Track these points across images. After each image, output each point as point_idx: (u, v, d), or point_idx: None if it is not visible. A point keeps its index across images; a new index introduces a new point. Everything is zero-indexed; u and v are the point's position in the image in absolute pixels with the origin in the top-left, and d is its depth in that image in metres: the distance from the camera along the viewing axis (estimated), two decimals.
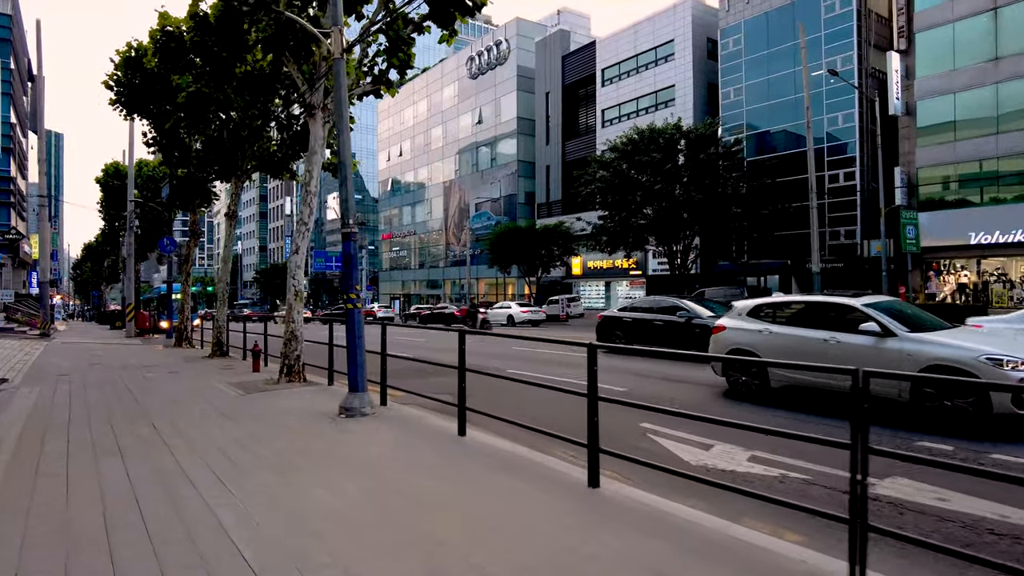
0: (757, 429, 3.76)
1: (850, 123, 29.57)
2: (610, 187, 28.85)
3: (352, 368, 6.80)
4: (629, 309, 14.83)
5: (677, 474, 4.09)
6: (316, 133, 9.61)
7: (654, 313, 14.09)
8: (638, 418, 7.03)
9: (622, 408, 7.13)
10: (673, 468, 4.20)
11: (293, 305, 9.27)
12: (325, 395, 8.17)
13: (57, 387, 9.13)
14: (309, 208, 9.57)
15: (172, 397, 8.08)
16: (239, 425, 6.25)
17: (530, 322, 32.82)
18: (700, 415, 4.06)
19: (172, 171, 18.68)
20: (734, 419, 4.29)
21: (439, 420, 6.56)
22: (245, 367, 11.66)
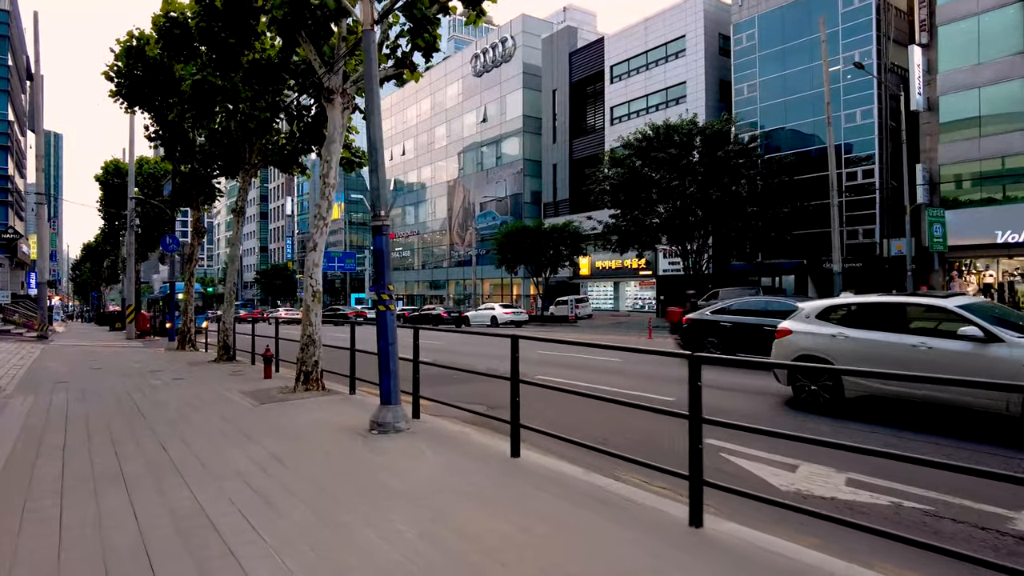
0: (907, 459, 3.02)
1: (868, 119, 28.84)
2: (623, 184, 28.09)
3: (385, 378, 6.04)
4: (727, 311, 12.41)
5: (792, 509, 3.37)
6: (335, 120, 8.85)
7: (764, 316, 11.75)
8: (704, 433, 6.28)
9: (676, 422, 6.39)
10: (786, 502, 3.48)
11: (311, 306, 8.51)
12: (348, 406, 7.41)
13: (53, 396, 8.36)
14: (328, 201, 8.81)
15: (180, 408, 7.31)
16: (259, 443, 5.48)
17: (512, 323, 33.35)
18: (826, 440, 3.33)
19: (175, 167, 17.92)
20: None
21: (484, 437, 5.79)
22: (255, 372, 10.89)
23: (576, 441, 4.60)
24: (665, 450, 5.71)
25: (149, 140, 17.22)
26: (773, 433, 3.81)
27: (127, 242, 24.88)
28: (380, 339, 6.07)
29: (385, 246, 6.13)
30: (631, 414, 6.90)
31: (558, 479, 4.53)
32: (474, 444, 5.53)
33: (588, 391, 5.58)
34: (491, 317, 33.98)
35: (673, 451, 5.59)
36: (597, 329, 29.88)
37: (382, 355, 6.06)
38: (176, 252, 18.50)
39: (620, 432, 6.45)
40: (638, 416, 6.81)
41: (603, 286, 43.75)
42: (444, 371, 7.33)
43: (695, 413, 3.71)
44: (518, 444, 5.12)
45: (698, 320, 12.78)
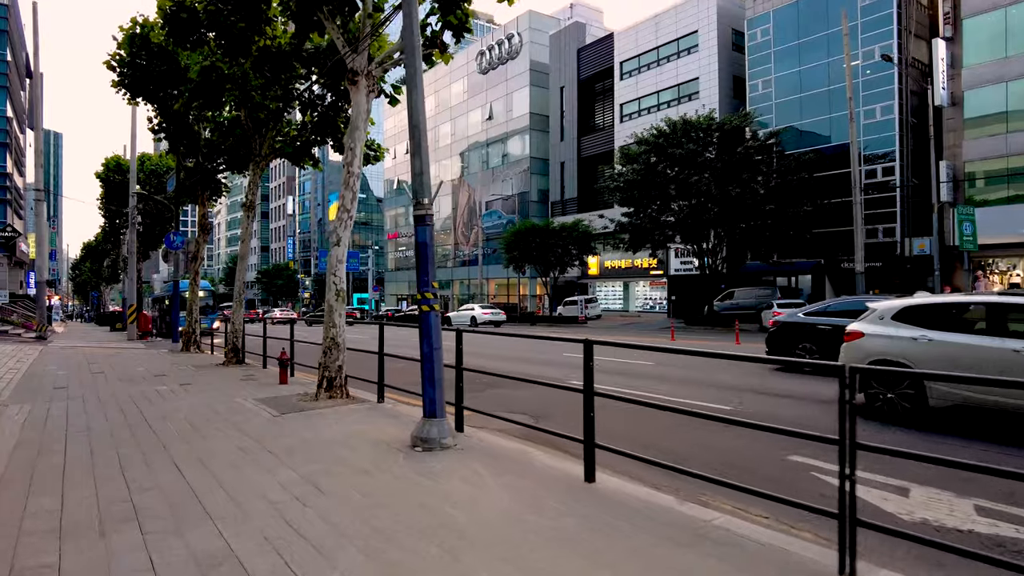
0: None
1: (889, 115, 28.11)
2: (638, 181, 27.37)
3: (428, 387, 5.32)
4: (825, 313, 10.97)
5: (960, 553, 2.68)
6: (359, 104, 8.14)
7: None
8: (779, 447, 5.58)
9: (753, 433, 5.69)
10: (958, 546, 2.77)
11: (334, 306, 7.78)
12: (379, 416, 6.68)
13: (52, 405, 7.63)
14: (352, 192, 8.09)
15: (193, 420, 6.59)
16: (288, 464, 4.76)
17: (492, 323, 34.52)
18: None
19: (179, 161, 17.20)
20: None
21: (546, 456, 5.07)
22: (268, 377, 10.17)
23: (681, 469, 3.86)
24: (760, 473, 4.98)
25: (153, 133, 16.51)
26: (979, 468, 3.08)
27: (128, 240, 24.15)
28: (423, 343, 5.35)
29: (428, 239, 5.41)
30: (706, 428, 6.19)
31: (650, 512, 3.81)
32: (535, 465, 4.80)
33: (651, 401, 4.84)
34: (471, 317, 35.08)
35: (766, 474, 4.88)
36: (610, 330, 29.15)
37: (425, 361, 5.34)
38: (181, 250, 17.78)
39: (701, 450, 5.72)
40: (714, 431, 6.10)
41: (612, 286, 43.03)
42: (472, 376, 6.62)
43: (849, 438, 2.99)
44: (593, 467, 4.40)
45: (789, 323, 11.34)
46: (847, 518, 2.95)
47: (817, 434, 3.21)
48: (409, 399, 7.62)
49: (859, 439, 3.14)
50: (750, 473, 4.98)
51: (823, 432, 3.28)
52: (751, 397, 8.33)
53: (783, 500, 3.25)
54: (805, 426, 6.13)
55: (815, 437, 3.22)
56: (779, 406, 7.76)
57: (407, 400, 7.62)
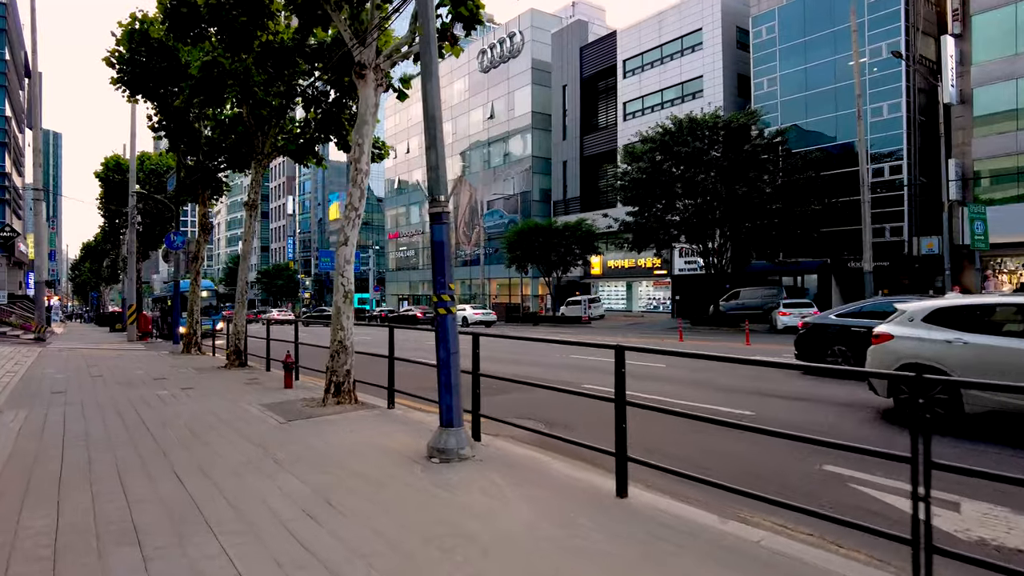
0: None
1: (896, 113, 27.84)
2: (644, 180, 27.09)
3: (445, 394, 5.04)
4: (860, 314, 10.24)
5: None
6: (367, 98, 7.86)
7: None
8: (810, 456, 5.32)
9: (784, 442, 5.41)
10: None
11: (342, 308, 7.50)
12: (391, 424, 6.40)
13: (49, 410, 7.35)
14: (360, 190, 7.81)
15: (194, 426, 6.31)
16: (297, 475, 4.48)
17: (483, 323, 35.56)
18: None
19: (180, 159, 16.91)
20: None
21: (569, 468, 4.79)
22: (272, 381, 9.89)
23: (734, 488, 3.58)
24: (795, 486, 4.70)
25: (153, 131, 16.24)
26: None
27: (128, 240, 23.88)
28: (440, 348, 5.07)
29: (445, 237, 5.13)
30: (726, 434, 5.91)
31: (690, 530, 3.53)
32: (560, 478, 4.52)
33: (687, 411, 4.56)
34: (463, 318, 35.75)
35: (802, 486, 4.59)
36: (614, 330, 28.87)
37: (442, 367, 5.06)
38: (181, 250, 17.49)
39: (721, 459, 5.44)
40: (735, 438, 5.83)
41: (615, 286, 42.75)
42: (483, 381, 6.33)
43: (924, 457, 2.71)
44: (626, 481, 4.11)
45: (820, 325, 10.61)
46: (922, 545, 2.67)
47: (886, 451, 2.92)
48: (420, 405, 7.35)
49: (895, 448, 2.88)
50: (785, 486, 4.70)
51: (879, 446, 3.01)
52: (775, 402, 8.06)
53: (853, 524, 2.96)
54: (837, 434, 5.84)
55: (883, 454, 2.93)
56: (806, 411, 7.48)
57: (419, 406, 7.34)
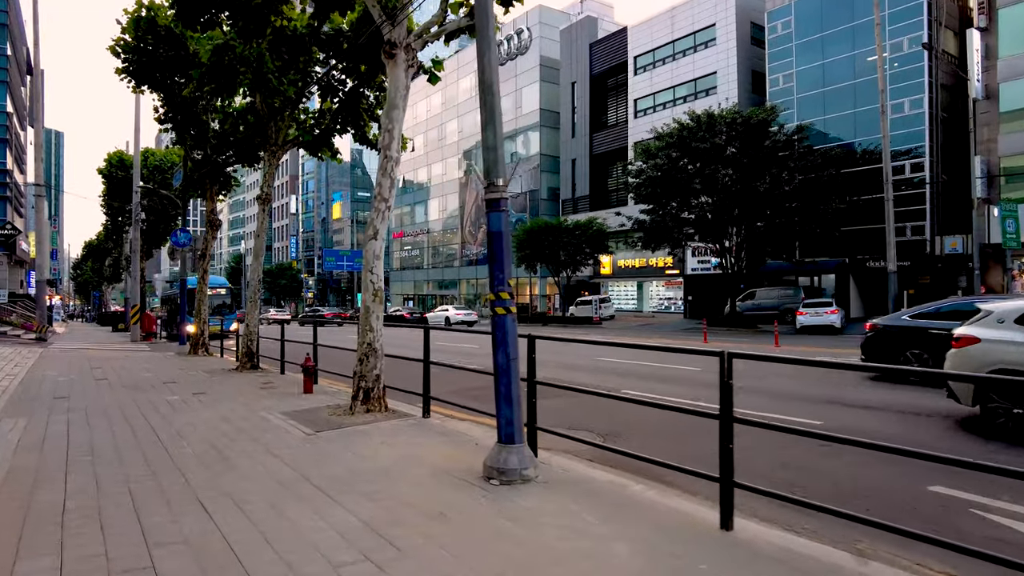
0: None
1: (919, 109, 27.17)
2: (660, 177, 26.44)
3: (504, 406, 4.40)
4: (936, 316, 9.40)
5: None
6: (397, 79, 7.23)
7: None
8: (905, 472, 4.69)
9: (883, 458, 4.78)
10: None
11: (371, 308, 6.87)
12: (431, 436, 5.76)
13: (51, 419, 6.72)
14: (390, 179, 7.19)
15: (213, 439, 5.67)
16: (342, 504, 3.84)
17: (465, 323, 37.35)
18: None
19: (187, 152, 16.29)
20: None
21: (652, 492, 4.15)
22: (289, 385, 9.26)
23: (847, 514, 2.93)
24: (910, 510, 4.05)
25: (159, 123, 15.62)
26: None
27: (132, 238, 23.26)
28: (498, 353, 4.43)
29: (504, 226, 4.49)
30: (802, 448, 5.26)
31: (830, 572, 2.89)
32: (646, 506, 3.88)
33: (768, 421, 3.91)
34: (445, 318, 38.81)
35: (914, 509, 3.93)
36: (627, 331, 28.23)
37: (501, 375, 4.41)
38: (187, 247, 16.87)
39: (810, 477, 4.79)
40: (813, 452, 5.17)
41: (625, 286, 42.08)
42: None
43: None
44: (731, 511, 3.47)
45: (892, 328, 9.77)
46: None
47: None
48: (457, 412, 6.72)
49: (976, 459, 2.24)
50: (894, 508, 4.07)
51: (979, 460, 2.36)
52: (842, 410, 7.42)
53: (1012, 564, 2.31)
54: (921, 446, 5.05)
55: None
56: (878, 420, 6.84)
57: (456, 414, 6.72)
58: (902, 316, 9.82)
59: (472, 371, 6.86)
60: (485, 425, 6.28)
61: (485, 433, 5.88)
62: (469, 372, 6.92)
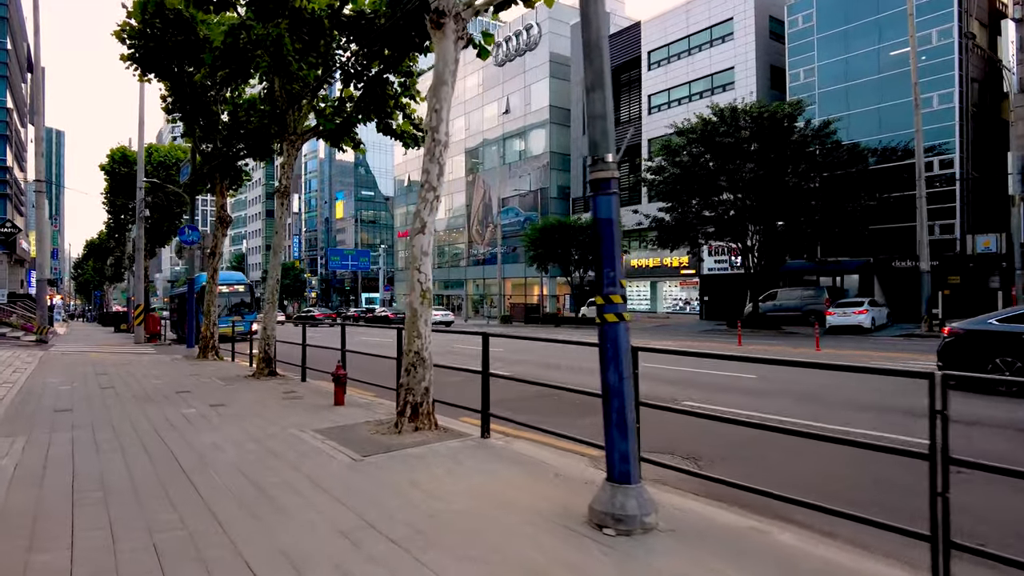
0: None
1: (948, 104, 26.31)
2: (682, 174, 25.58)
3: (618, 436, 3.54)
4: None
5: None
6: (445, 53, 6.37)
7: None
8: None
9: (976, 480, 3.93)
10: None
11: (419, 311, 6.01)
12: (500, 463, 4.89)
13: (53, 438, 5.86)
14: (438, 165, 6.35)
15: (247, 467, 4.81)
16: (429, 567, 2.98)
17: (441, 323, 37.73)
18: None
19: (195, 144, 15.44)
20: None
21: (806, 542, 3.28)
22: (314, 395, 8.40)
23: None
24: None
25: (167, 112, 14.79)
26: None
27: (137, 236, 22.41)
28: (608, 370, 3.57)
29: (614, 212, 3.63)
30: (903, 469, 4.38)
31: None
32: (812, 560, 3.02)
33: None
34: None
35: None
36: (642, 332, 27.37)
37: (612, 397, 3.56)
38: (196, 244, 16.01)
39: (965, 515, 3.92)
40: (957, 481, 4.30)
41: (639, 286, 41.21)
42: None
43: None
44: None
45: (979, 332, 8.89)
46: None
47: None
48: (517, 431, 5.88)
49: None
50: None
51: None
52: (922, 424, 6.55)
53: None
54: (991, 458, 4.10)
55: None
56: (967, 437, 5.97)
57: (517, 432, 5.86)
58: (989, 320, 8.94)
59: (529, 383, 6.01)
60: (554, 448, 5.44)
61: (559, 459, 5.03)
62: (517, 382, 6.06)
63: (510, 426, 5.93)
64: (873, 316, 23.28)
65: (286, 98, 10.76)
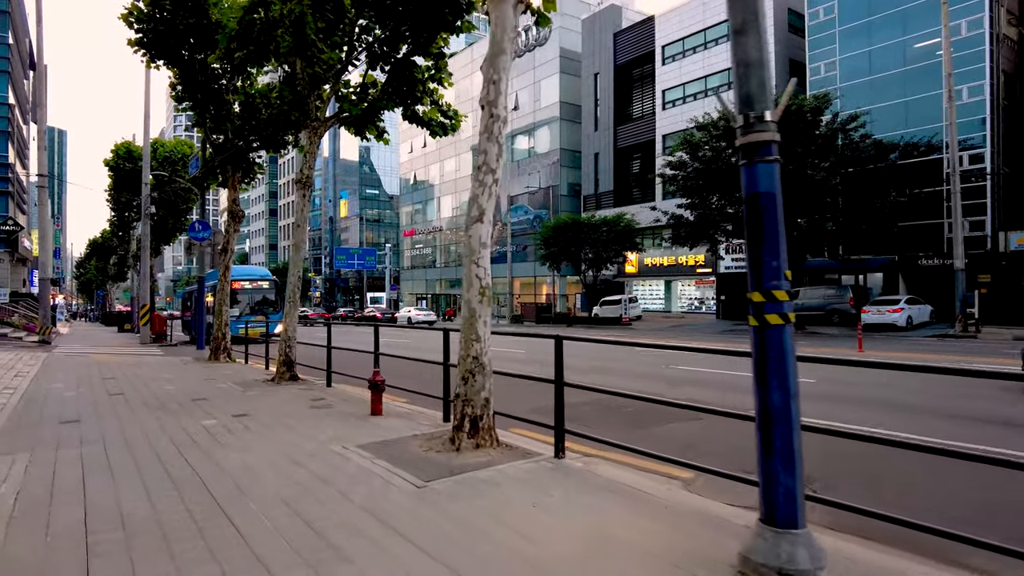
0: None
1: (979, 96, 25.51)
2: (704, 170, 24.81)
3: (781, 471, 2.78)
4: None
5: None
6: (503, 18, 5.63)
7: None
8: None
9: None
10: None
11: (477, 311, 5.25)
12: (588, 490, 4.12)
13: (59, 457, 5.11)
14: (498, 144, 5.58)
15: (291, 497, 4.05)
16: None
17: (425, 323, 40.48)
18: None
19: (206, 135, 14.69)
20: None
21: None
22: (344, 402, 7.64)
23: None
24: None
25: (176, 101, 14.03)
26: None
27: (142, 232, 21.66)
28: (771, 388, 2.81)
29: (775, 186, 2.86)
30: None
31: None
32: None
33: None
34: (407, 318, 42.90)
35: None
36: (660, 333, 26.59)
37: (777, 422, 2.79)
38: (207, 240, 15.27)
39: None
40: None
41: (652, 285, 40.43)
42: None
43: None
44: None
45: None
46: None
47: None
48: (594, 448, 5.13)
49: None
50: None
51: None
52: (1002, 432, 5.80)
53: None
54: None
55: None
56: None
57: (594, 451, 5.11)
58: None
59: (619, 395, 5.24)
60: (644, 470, 4.68)
61: (658, 485, 4.27)
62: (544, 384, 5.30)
63: (580, 442, 5.17)
64: (910, 315, 23.05)
65: (308, 83, 9.99)
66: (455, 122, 11.42)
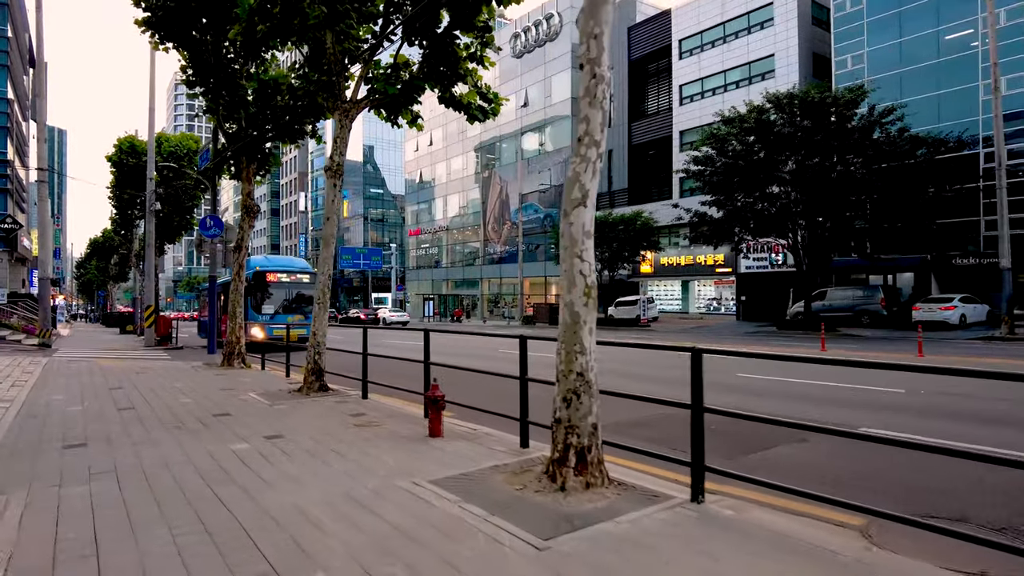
0: None
1: (1017, 89, 24.50)
2: (734, 165, 23.80)
3: None
4: None
5: None
6: None
7: None
8: None
9: None
10: None
11: (581, 316, 4.22)
12: (759, 546, 3.09)
13: (63, 497, 4.09)
14: (600, 110, 4.60)
15: (365, 560, 3.03)
16: None
17: (399, 323, 41.31)
18: None
19: (218, 124, 13.68)
20: None
21: None
22: (387, 417, 6.63)
23: None
24: None
25: (188, 87, 13.04)
26: None
27: (146, 230, 20.65)
28: None
29: None
30: None
31: None
32: None
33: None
34: (381, 319, 43.40)
35: None
36: (684, 334, 25.59)
37: None
38: (219, 237, 14.26)
39: None
40: None
41: (668, 285, 39.43)
42: None
43: None
44: None
45: None
46: None
47: None
48: (715, 484, 4.11)
49: None
50: None
51: None
52: None
53: None
54: None
55: None
56: None
57: (716, 486, 4.10)
58: None
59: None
60: (791, 512, 3.66)
61: (836, 538, 3.25)
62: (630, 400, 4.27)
63: (731, 484, 4.14)
64: (963, 313, 22.98)
65: (339, 60, 8.98)
66: (495, 105, 10.38)
